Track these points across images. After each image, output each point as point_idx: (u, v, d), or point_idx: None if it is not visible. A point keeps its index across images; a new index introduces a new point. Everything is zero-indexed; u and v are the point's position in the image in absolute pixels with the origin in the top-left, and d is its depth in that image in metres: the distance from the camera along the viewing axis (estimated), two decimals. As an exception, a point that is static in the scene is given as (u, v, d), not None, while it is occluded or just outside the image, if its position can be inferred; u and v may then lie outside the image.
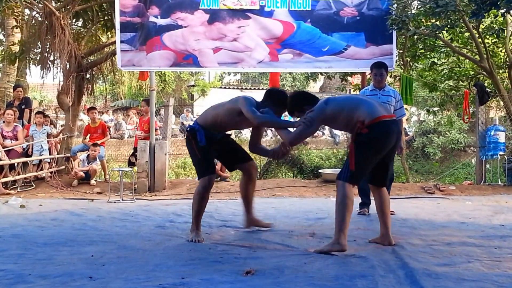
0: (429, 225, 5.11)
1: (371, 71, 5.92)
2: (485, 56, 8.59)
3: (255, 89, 23.37)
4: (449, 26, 7.54)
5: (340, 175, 3.89)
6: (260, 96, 4.54)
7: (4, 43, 13.26)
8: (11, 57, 10.34)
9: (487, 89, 9.03)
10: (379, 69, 5.77)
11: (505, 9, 6.55)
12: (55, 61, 9.13)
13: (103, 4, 9.36)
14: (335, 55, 7.82)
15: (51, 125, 9.92)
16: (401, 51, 8.91)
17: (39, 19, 9.29)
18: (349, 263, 3.47)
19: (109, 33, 10.42)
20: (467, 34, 9.07)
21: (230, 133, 4.83)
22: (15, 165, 8.24)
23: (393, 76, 10.05)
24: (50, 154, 9.01)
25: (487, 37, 9.17)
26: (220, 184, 8.51)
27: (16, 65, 12.30)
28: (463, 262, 3.51)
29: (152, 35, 7.80)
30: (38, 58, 9.59)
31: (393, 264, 3.44)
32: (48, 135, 9.11)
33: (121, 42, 7.81)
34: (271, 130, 13.65)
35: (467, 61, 9.81)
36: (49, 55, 9.12)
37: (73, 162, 9.25)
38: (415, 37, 8.77)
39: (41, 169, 8.81)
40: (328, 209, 4.59)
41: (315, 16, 7.80)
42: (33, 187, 8.42)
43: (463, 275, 3.16)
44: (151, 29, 7.80)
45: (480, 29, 8.62)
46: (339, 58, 7.84)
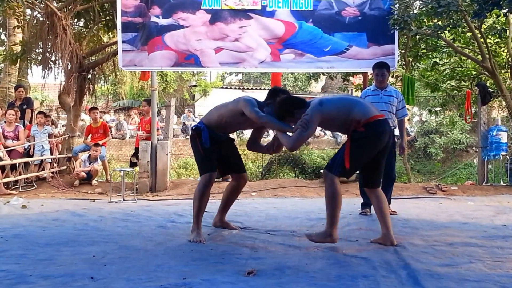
0: (431, 225, 5.09)
1: (373, 71, 5.92)
2: (487, 56, 8.58)
3: (256, 89, 23.36)
4: (451, 26, 7.53)
5: (330, 168, 4.02)
6: (261, 96, 4.55)
7: (5, 43, 13.29)
8: (12, 57, 10.35)
9: (489, 89, 9.01)
10: (381, 69, 5.78)
11: (507, 9, 6.53)
12: (57, 61, 9.15)
13: (105, 4, 9.37)
14: (337, 55, 7.80)
15: (52, 125, 9.93)
16: (403, 51, 8.91)
17: (41, 19, 9.30)
18: (351, 263, 3.47)
19: (110, 33, 10.43)
20: (469, 34, 9.06)
21: (233, 138, 4.88)
22: (17, 165, 8.25)
23: (395, 76, 10.03)
24: (51, 154, 9.02)
25: (489, 37, 9.15)
26: (222, 184, 8.49)
27: (17, 65, 12.29)
28: (465, 262, 3.50)
29: (153, 35, 7.80)
30: (39, 58, 9.61)
31: (395, 264, 3.43)
32: (49, 135, 9.12)
33: (123, 42, 7.80)
34: (274, 130, 13.64)
35: (469, 61, 9.80)
36: (50, 55, 9.14)
37: (74, 162, 9.25)
38: (417, 37, 8.76)
39: (43, 169, 8.82)
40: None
41: (317, 16, 7.78)
42: (34, 187, 8.43)
43: (465, 275, 3.16)
44: (153, 29, 7.80)
45: (482, 29, 8.60)
46: (341, 58, 7.82)
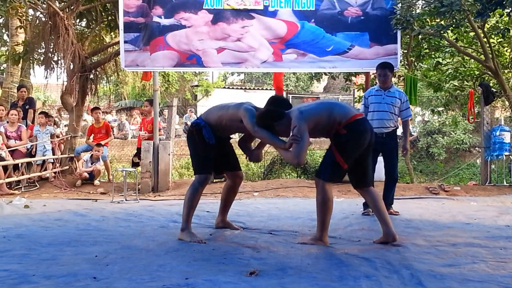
0: (433, 225, 5.08)
1: (376, 72, 5.93)
2: (490, 56, 8.56)
3: (258, 89, 23.36)
4: (454, 25, 7.51)
5: (319, 174, 4.11)
6: (264, 96, 4.55)
7: (8, 44, 13.31)
8: (15, 58, 10.36)
9: (492, 89, 8.98)
10: (383, 69, 5.80)
11: (510, 9, 6.51)
12: (59, 62, 9.16)
13: (107, 4, 9.38)
14: (339, 55, 7.79)
15: (54, 125, 9.94)
16: (406, 51, 8.89)
17: (43, 19, 9.31)
18: (353, 263, 3.46)
19: (112, 33, 10.44)
20: (472, 33, 9.04)
21: (231, 136, 4.87)
22: (19, 165, 8.26)
23: (397, 76, 10.02)
24: (54, 154, 9.03)
25: (492, 36, 9.13)
26: (224, 184, 8.50)
27: (20, 66, 12.30)
28: (468, 263, 3.49)
29: (155, 35, 7.80)
30: (42, 58, 9.62)
31: (397, 264, 3.42)
32: (52, 135, 9.12)
33: (125, 42, 7.81)
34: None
35: (472, 61, 9.78)
36: (53, 55, 9.14)
37: (77, 162, 9.26)
38: (420, 37, 8.75)
39: (45, 169, 8.83)
40: (333, 212, 4.56)
41: (319, 16, 7.77)
42: (37, 187, 8.43)
43: (468, 276, 3.15)
44: (155, 29, 7.80)
45: (485, 29, 8.59)
46: (343, 58, 7.81)
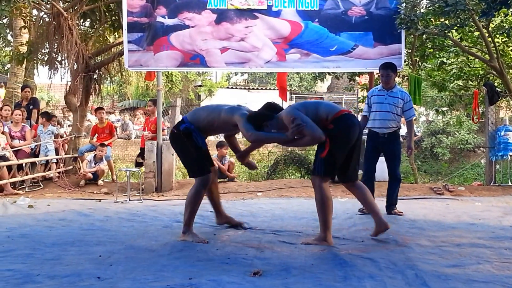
0: (438, 226, 5.07)
1: (379, 72, 5.93)
2: (495, 55, 8.51)
3: (262, 89, 23.35)
4: (458, 25, 7.47)
5: (314, 171, 4.19)
6: (267, 96, 4.55)
7: (12, 44, 13.33)
8: (19, 58, 10.38)
9: (497, 88, 8.95)
10: (386, 70, 5.83)
11: (515, 8, 6.48)
12: (63, 62, 9.16)
13: (111, 4, 9.38)
14: (343, 54, 7.77)
15: (58, 125, 9.95)
16: (410, 51, 8.86)
17: (47, 19, 9.32)
18: (357, 264, 3.45)
19: (116, 34, 10.44)
20: (476, 33, 8.99)
21: None
22: (23, 165, 8.28)
23: (401, 75, 9.99)
24: (57, 154, 9.04)
25: (497, 36, 9.08)
26: (227, 184, 8.51)
27: (24, 66, 12.33)
28: (473, 263, 3.48)
29: (159, 35, 7.80)
30: (45, 58, 9.62)
31: (401, 265, 3.42)
32: (55, 136, 9.14)
33: (129, 42, 7.81)
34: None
35: (477, 60, 9.73)
36: (56, 55, 9.15)
37: (80, 162, 9.27)
38: (424, 36, 8.71)
39: (49, 169, 8.85)
40: (336, 209, 4.57)
41: (323, 15, 7.75)
42: (41, 187, 8.45)
43: (473, 276, 3.14)
44: (159, 29, 7.80)
45: (490, 28, 8.54)
46: (347, 58, 7.79)
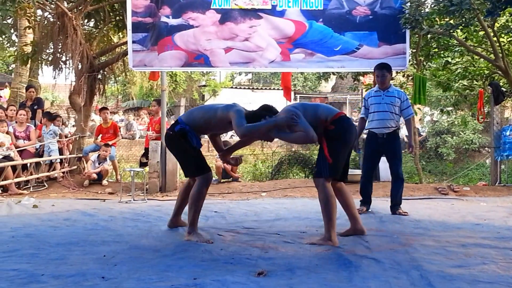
0: (443, 226, 5.05)
1: (374, 72, 5.96)
2: (501, 55, 8.47)
3: (266, 89, 23.36)
4: (463, 24, 7.43)
5: (319, 173, 4.21)
6: (271, 96, 4.55)
7: (16, 44, 13.39)
8: (23, 58, 10.41)
9: (502, 88, 8.91)
10: (381, 70, 5.89)
11: (520, 7, 6.46)
12: (67, 62, 9.17)
13: (115, 4, 9.39)
14: (347, 54, 7.76)
15: (62, 125, 9.97)
16: (415, 50, 8.83)
17: (51, 19, 9.34)
18: (362, 264, 3.44)
19: (120, 34, 10.45)
20: (482, 32, 8.95)
21: None
22: (28, 165, 8.30)
23: (406, 75, 9.96)
24: (62, 154, 9.06)
25: (503, 35, 9.04)
26: (232, 184, 8.51)
27: (28, 66, 12.39)
28: (478, 264, 3.46)
29: (163, 35, 7.80)
30: (50, 58, 9.64)
31: (406, 265, 3.41)
32: (60, 136, 9.16)
33: (133, 42, 7.81)
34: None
35: (482, 60, 9.68)
36: (61, 55, 9.17)
37: (85, 162, 9.29)
38: (429, 36, 8.67)
39: (53, 169, 8.87)
40: (340, 209, 4.55)
41: (327, 15, 7.74)
42: (45, 187, 8.47)
43: (478, 277, 3.13)
44: (163, 29, 7.80)
45: (495, 28, 8.50)
46: (351, 57, 7.77)
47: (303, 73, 21.99)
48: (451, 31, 7.59)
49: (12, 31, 13.71)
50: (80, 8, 9.05)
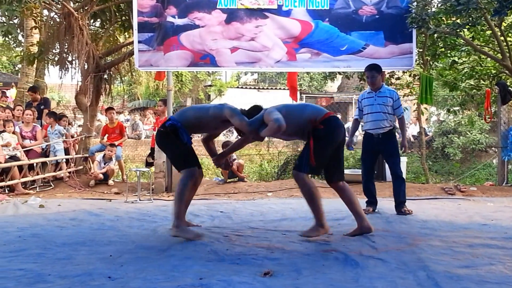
0: (449, 226, 5.02)
1: (364, 74, 5.99)
2: (508, 54, 8.43)
3: (272, 89, 23.34)
4: (470, 24, 7.40)
5: (299, 168, 4.27)
6: (277, 96, 4.58)
7: (23, 44, 13.44)
8: (30, 58, 10.45)
9: (509, 88, 8.86)
10: (370, 71, 5.93)
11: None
12: (73, 62, 9.20)
13: (121, 4, 9.42)
14: (353, 54, 7.74)
15: (69, 125, 10.00)
16: (421, 50, 8.80)
17: (58, 19, 9.37)
18: (368, 264, 3.43)
19: (126, 34, 10.47)
20: (488, 32, 8.91)
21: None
22: (34, 165, 8.33)
23: (412, 75, 9.93)
24: (68, 154, 9.09)
25: (510, 35, 9.01)
26: (237, 184, 8.51)
27: (34, 66, 12.44)
28: (485, 264, 3.44)
29: (169, 35, 7.81)
30: (56, 58, 9.68)
31: (413, 265, 3.39)
32: (66, 135, 9.18)
33: (139, 42, 7.83)
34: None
35: (489, 59, 9.64)
36: (67, 55, 9.20)
37: (91, 162, 9.31)
38: (435, 35, 8.65)
39: (60, 169, 8.89)
40: (346, 210, 4.55)
41: (333, 15, 7.73)
42: (51, 187, 8.50)
43: (485, 277, 3.11)
44: (169, 29, 7.81)
45: (502, 27, 8.46)
46: (357, 57, 7.75)
47: (309, 73, 21.97)
48: (458, 30, 7.56)
49: (18, 31, 13.73)
50: (86, 8, 9.08)
